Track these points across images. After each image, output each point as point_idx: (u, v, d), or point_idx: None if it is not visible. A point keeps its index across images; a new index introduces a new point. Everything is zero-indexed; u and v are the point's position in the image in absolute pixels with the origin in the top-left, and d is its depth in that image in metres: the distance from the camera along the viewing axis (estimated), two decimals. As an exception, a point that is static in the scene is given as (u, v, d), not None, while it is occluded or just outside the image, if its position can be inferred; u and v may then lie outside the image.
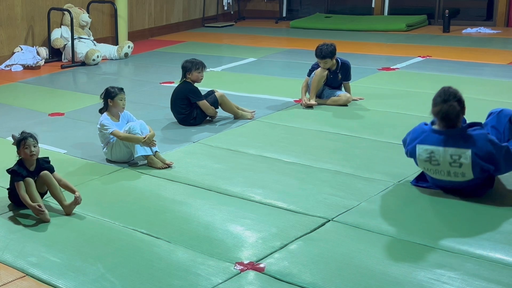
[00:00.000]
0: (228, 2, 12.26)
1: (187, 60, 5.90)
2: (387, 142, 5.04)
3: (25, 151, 4.09)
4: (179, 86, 5.91)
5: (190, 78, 5.82)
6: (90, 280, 3.28)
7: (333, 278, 3.20)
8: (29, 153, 4.08)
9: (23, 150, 4.09)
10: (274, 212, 4.00)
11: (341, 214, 3.91)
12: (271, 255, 3.46)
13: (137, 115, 5.23)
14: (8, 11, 8.98)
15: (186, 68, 5.84)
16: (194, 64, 5.82)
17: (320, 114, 6.01)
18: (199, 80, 5.85)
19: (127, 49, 9.31)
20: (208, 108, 5.81)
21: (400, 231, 3.65)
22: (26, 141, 4.09)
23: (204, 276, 3.28)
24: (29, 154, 4.09)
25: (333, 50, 6.12)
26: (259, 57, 8.74)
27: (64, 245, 3.70)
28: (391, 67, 7.60)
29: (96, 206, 4.19)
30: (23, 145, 4.09)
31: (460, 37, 9.66)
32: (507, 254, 3.37)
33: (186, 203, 4.20)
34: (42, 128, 5.81)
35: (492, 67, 7.52)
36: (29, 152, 4.08)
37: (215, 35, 10.95)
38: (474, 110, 5.70)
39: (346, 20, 10.96)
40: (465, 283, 3.12)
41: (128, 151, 4.91)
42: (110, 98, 4.96)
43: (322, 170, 4.62)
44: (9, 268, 3.46)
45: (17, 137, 4.16)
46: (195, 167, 4.81)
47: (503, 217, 3.78)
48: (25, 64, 8.84)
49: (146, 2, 10.80)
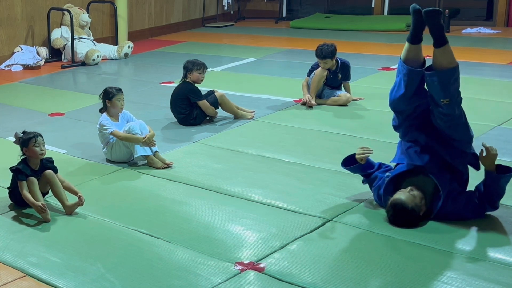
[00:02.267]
0: (228, 2, 12.26)
1: (189, 61, 5.91)
2: (387, 142, 5.03)
3: (35, 149, 4.08)
4: (179, 86, 5.91)
5: (191, 78, 5.82)
6: (90, 280, 3.28)
7: (333, 278, 3.20)
8: (40, 151, 4.08)
9: (32, 148, 4.08)
10: (274, 212, 4.00)
11: (341, 214, 3.91)
12: (271, 255, 3.46)
13: (137, 115, 5.23)
14: (8, 11, 8.98)
15: (187, 68, 5.84)
16: (195, 65, 5.82)
17: (320, 114, 6.01)
18: (199, 81, 5.85)
19: (127, 49, 9.30)
20: (208, 108, 5.82)
21: (400, 231, 3.65)
22: (37, 139, 4.09)
23: (204, 276, 3.27)
24: (38, 153, 4.08)
25: (333, 51, 6.13)
26: (259, 57, 8.74)
27: (64, 245, 3.69)
28: (391, 67, 7.59)
29: (96, 206, 4.19)
30: (33, 143, 4.07)
31: (460, 37, 9.66)
32: (507, 254, 3.38)
33: (186, 203, 4.20)
34: (42, 128, 5.79)
35: (492, 67, 7.52)
36: (39, 151, 4.08)
37: (215, 35, 10.95)
38: (475, 110, 5.71)
39: (346, 20, 10.96)
40: (465, 283, 3.12)
41: (128, 151, 4.91)
42: (108, 99, 4.95)
43: (322, 170, 4.62)
44: (9, 268, 3.46)
45: (22, 136, 4.14)
46: (195, 167, 4.81)
47: (503, 217, 3.78)
48: (25, 64, 8.83)
49: (146, 2, 10.79)
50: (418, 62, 3.76)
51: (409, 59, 3.76)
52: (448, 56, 3.64)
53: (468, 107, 4.08)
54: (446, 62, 3.63)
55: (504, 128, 5.35)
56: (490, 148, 3.71)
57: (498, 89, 6.50)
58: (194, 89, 5.82)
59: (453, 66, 3.63)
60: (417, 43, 3.75)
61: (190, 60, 5.91)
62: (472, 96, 6.23)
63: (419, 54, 3.77)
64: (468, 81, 6.82)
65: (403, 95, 3.78)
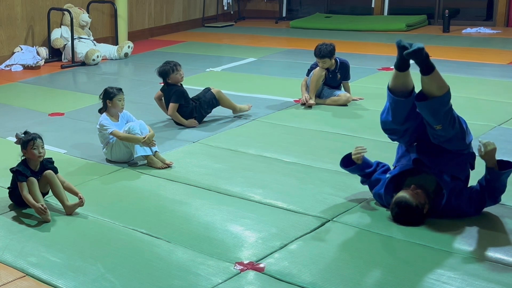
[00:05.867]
0: (228, 2, 12.26)
1: (160, 66, 5.83)
2: (387, 142, 5.01)
3: (33, 152, 4.07)
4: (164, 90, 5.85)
5: (171, 82, 5.79)
6: (90, 280, 3.28)
7: (333, 278, 3.20)
8: (38, 154, 4.07)
9: (30, 151, 4.08)
10: (274, 212, 4.00)
11: (341, 214, 3.91)
12: (271, 255, 3.46)
13: (136, 115, 5.23)
14: (8, 11, 8.98)
15: (163, 73, 5.79)
16: (169, 68, 5.75)
17: (320, 114, 6.01)
18: (179, 80, 5.82)
19: (127, 49, 9.30)
20: (174, 115, 5.72)
21: (400, 231, 3.65)
22: (35, 142, 4.07)
23: (204, 276, 3.28)
24: (37, 155, 4.08)
25: (332, 50, 6.13)
26: (259, 57, 8.74)
27: (64, 245, 3.69)
28: (391, 67, 7.56)
29: (96, 206, 4.19)
30: (32, 146, 4.07)
31: (460, 37, 9.66)
32: (507, 254, 3.38)
33: (186, 203, 4.20)
34: (42, 128, 5.80)
35: (492, 67, 7.52)
36: (37, 153, 4.07)
37: (215, 35, 10.95)
38: (475, 110, 5.72)
39: (346, 20, 10.96)
40: (465, 283, 3.12)
41: (127, 151, 4.91)
42: (108, 98, 4.95)
43: (322, 170, 4.62)
44: (9, 268, 3.46)
45: (22, 137, 4.14)
46: (195, 167, 4.81)
47: (503, 216, 3.78)
48: (25, 64, 8.83)
49: (146, 2, 10.79)
50: (406, 90, 3.67)
51: (396, 88, 3.68)
52: (437, 82, 3.56)
53: (468, 107, 4.09)
54: (436, 88, 3.55)
55: (504, 128, 5.35)
56: (487, 143, 3.67)
57: (498, 89, 6.50)
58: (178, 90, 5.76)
59: (443, 92, 3.55)
60: (405, 70, 3.65)
61: (161, 66, 5.81)
62: (472, 96, 6.25)
63: (407, 81, 3.67)
64: (468, 81, 6.84)
65: (392, 121, 3.77)
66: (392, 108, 3.72)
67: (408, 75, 3.66)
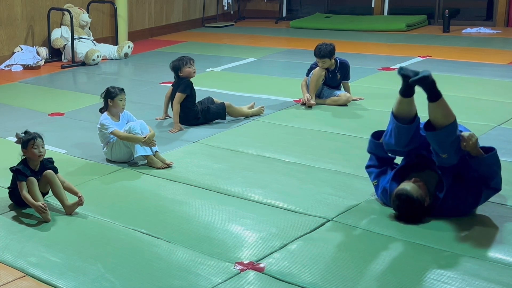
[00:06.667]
0: (228, 2, 12.26)
1: (174, 60, 5.86)
2: (387, 142, 5.03)
3: (34, 151, 4.07)
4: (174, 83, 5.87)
5: (182, 75, 5.80)
6: (90, 280, 3.28)
7: (333, 278, 3.20)
8: (38, 153, 4.07)
9: (31, 150, 4.08)
10: (274, 212, 4.00)
11: (341, 214, 3.91)
12: (271, 255, 3.46)
13: (137, 115, 5.23)
14: (8, 11, 8.98)
15: (175, 68, 5.81)
16: (182, 61, 5.78)
17: (320, 114, 6.01)
18: (191, 74, 5.82)
19: (127, 49, 9.31)
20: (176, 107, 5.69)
21: (400, 231, 3.65)
22: (35, 141, 4.07)
23: (204, 276, 3.28)
24: (37, 155, 4.08)
25: (332, 50, 6.12)
26: (259, 57, 8.74)
27: (64, 245, 3.70)
28: (391, 67, 7.59)
29: (96, 206, 4.19)
30: (32, 145, 4.07)
31: (460, 37, 9.66)
32: (507, 254, 3.38)
33: (186, 203, 4.20)
34: (42, 128, 5.79)
35: (492, 67, 7.51)
36: (37, 153, 4.07)
37: (215, 35, 10.95)
38: (475, 110, 5.72)
39: (346, 20, 10.96)
40: (465, 283, 3.12)
41: (128, 151, 4.91)
42: (110, 98, 4.96)
43: (322, 170, 4.62)
44: (9, 268, 3.46)
45: (23, 136, 4.14)
46: (195, 167, 4.81)
47: (503, 216, 3.78)
48: (25, 64, 8.83)
49: (146, 2, 10.80)
50: (410, 115, 3.69)
51: (400, 113, 3.69)
52: (443, 110, 3.56)
53: (468, 107, 4.09)
54: (441, 116, 3.56)
55: (504, 128, 5.34)
56: (469, 137, 3.63)
57: (498, 89, 6.50)
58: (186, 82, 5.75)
59: (450, 122, 3.55)
60: (409, 97, 3.66)
61: (175, 60, 5.84)
62: (472, 96, 6.25)
63: (411, 108, 3.69)
64: (468, 81, 6.84)
65: (395, 144, 3.79)
66: (395, 133, 3.75)
67: (412, 101, 3.68)
